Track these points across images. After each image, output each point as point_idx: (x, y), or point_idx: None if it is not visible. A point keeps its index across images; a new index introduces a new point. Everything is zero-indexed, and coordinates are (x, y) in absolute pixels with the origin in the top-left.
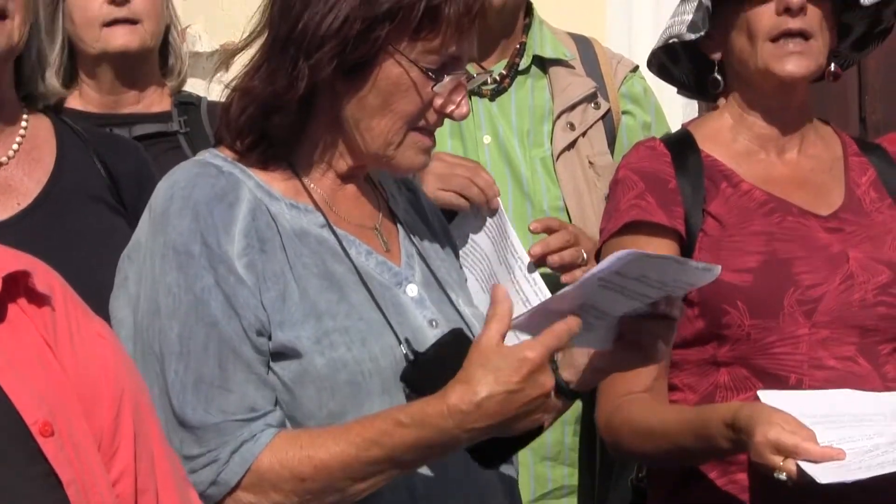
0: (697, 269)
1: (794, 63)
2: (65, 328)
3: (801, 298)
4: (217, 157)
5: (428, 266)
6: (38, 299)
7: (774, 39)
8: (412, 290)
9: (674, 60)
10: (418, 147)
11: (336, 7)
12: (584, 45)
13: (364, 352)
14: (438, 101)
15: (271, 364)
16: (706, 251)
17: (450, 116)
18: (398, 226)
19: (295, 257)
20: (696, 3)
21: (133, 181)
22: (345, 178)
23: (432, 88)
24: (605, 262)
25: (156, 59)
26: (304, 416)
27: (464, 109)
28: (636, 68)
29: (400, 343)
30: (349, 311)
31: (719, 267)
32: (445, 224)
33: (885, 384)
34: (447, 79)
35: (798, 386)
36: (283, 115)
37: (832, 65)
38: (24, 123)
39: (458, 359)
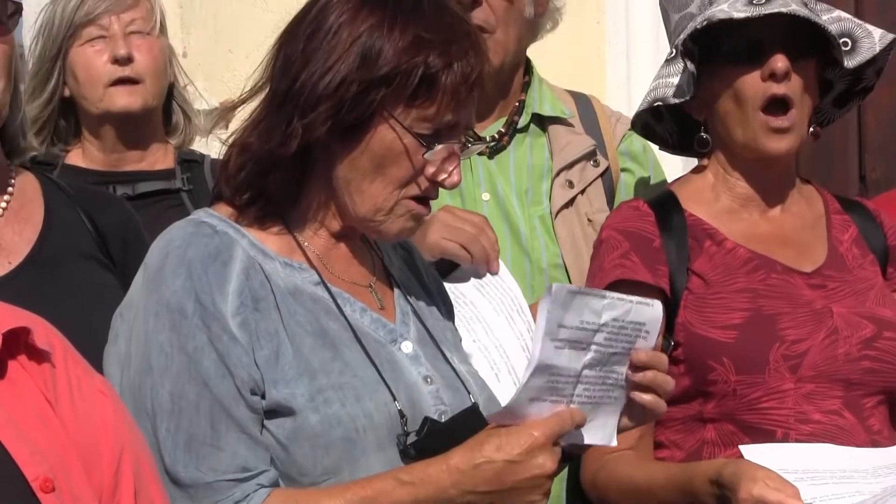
0: (633, 303)
1: (778, 142)
2: (65, 385)
3: (787, 353)
4: (212, 216)
5: (423, 324)
6: (39, 356)
7: (764, 109)
8: (407, 346)
9: (657, 118)
10: (410, 215)
11: (334, 68)
12: (584, 103)
13: (358, 408)
14: (430, 169)
15: (265, 422)
16: (691, 309)
17: (441, 185)
18: (393, 284)
19: (289, 316)
20: (681, 66)
21: (119, 236)
22: (338, 236)
23: (423, 156)
24: (540, 315)
25: (159, 118)
26: (298, 473)
27: (455, 178)
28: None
29: (395, 399)
30: (343, 368)
31: (658, 302)
32: (440, 283)
33: (870, 437)
34: (439, 147)
35: (785, 440)
36: (278, 173)
37: (811, 127)
38: (12, 181)
39: (470, 432)
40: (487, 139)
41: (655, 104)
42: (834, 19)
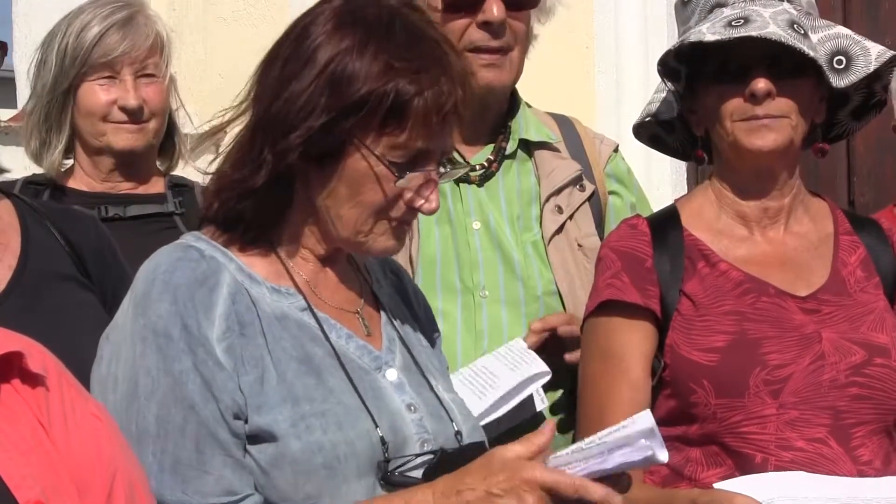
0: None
1: (761, 137)
2: (58, 408)
3: (768, 378)
4: (200, 241)
5: (409, 351)
6: (32, 380)
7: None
8: (392, 374)
9: (668, 130)
10: (390, 233)
11: (304, 96)
12: (566, 126)
13: (340, 436)
14: (407, 195)
15: (248, 447)
16: (678, 331)
17: (419, 210)
18: (381, 310)
19: (274, 341)
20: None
21: (96, 254)
22: (325, 260)
23: (395, 184)
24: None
25: (156, 150)
26: (280, 498)
27: (432, 205)
28: (617, 147)
29: (377, 426)
30: (326, 396)
31: (643, 414)
32: (428, 308)
33: (857, 468)
34: (410, 175)
35: (763, 465)
36: (257, 199)
37: (816, 143)
38: None
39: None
40: (477, 167)
41: (647, 119)
42: (830, 37)
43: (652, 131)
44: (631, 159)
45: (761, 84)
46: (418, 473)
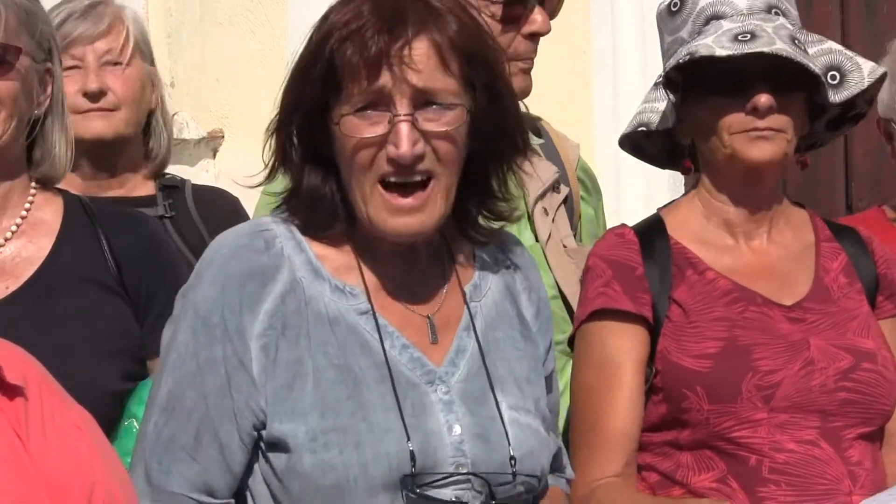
0: None
1: (760, 149)
2: (37, 419)
3: (760, 384)
4: (279, 223)
5: (484, 362)
6: (11, 391)
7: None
8: (442, 390)
9: (646, 136)
10: (387, 207)
11: (291, 93)
12: (536, 128)
13: (355, 457)
14: (389, 149)
15: (267, 454)
16: (669, 337)
17: (393, 158)
18: (464, 316)
19: (317, 346)
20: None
21: (139, 266)
22: (400, 256)
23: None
24: None
25: (138, 145)
26: (292, 502)
27: (401, 150)
28: (578, 146)
29: (409, 440)
30: (354, 410)
31: None
32: (545, 308)
33: (848, 468)
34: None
35: (758, 467)
36: (311, 188)
37: (798, 154)
38: (27, 205)
39: None
40: None
41: (640, 129)
42: (823, 51)
43: (633, 139)
44: (628, 165)
45: (765, 99)
46: (445, 493)
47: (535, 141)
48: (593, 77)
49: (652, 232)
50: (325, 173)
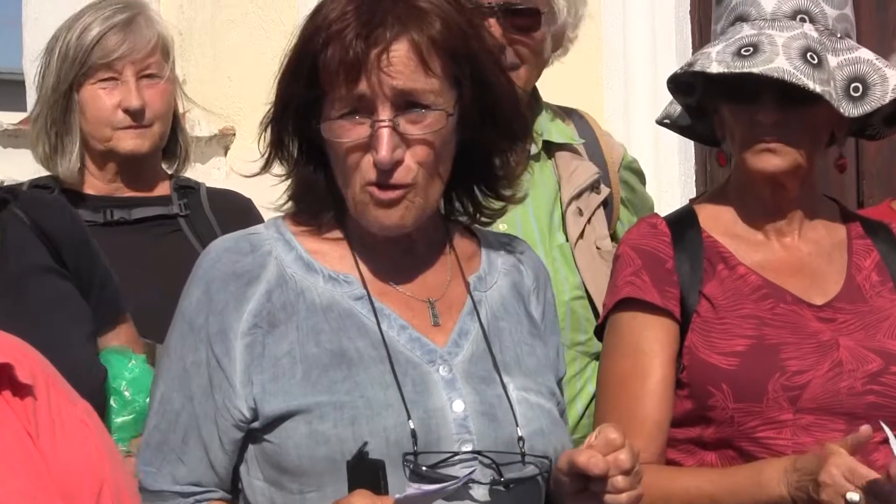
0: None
1: (766, 161)
2: (46, 416)
3: (787, 384)
4: (270, 227)
5: (488, 345)
6: (22, 390)
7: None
8: (444, 370)
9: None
10: (375, 202)
11: (277, 89)
12: (581, 124)
13: (349, 432)
14: (374, 154)
15: (263, 436)
16: (697, 332)
17: (375, 163)
18: (467, 302)
19: (309, 335)
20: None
21: (70, 242)
22: (395, 246)
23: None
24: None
25: (160, 153)
26: (290, 479)
27: (380, 155)
28: (623, 146)
29: (409, 418)
30: (351, 389)
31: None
32: (551, 312)
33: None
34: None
35: None
36: (307, 186)
37: (839, 155)
38: None
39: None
40: None
41: (665, 121)
42: (850, 61)
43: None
44: (640, 162)
45: (765, 115)
46: (455, 471)
47: (577, 141)
48: (604, 78)
49: (684, 224)
50: (316, 164)
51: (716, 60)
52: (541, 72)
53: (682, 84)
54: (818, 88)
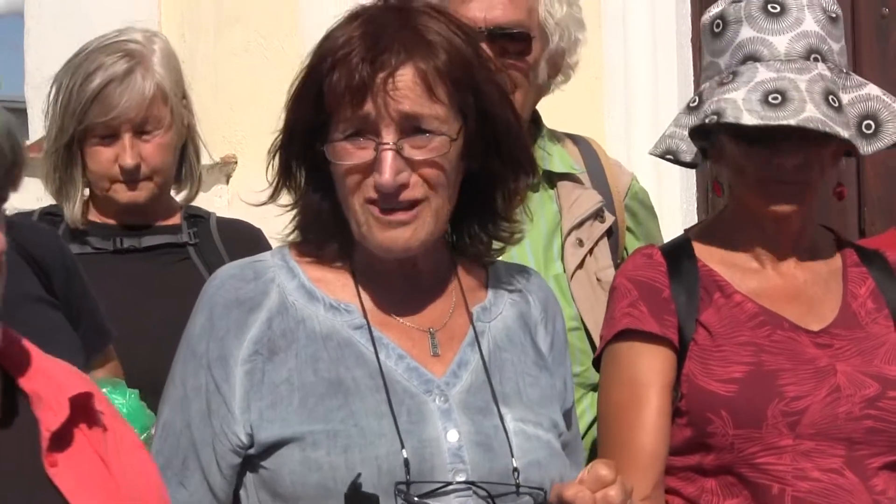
0: None
1: (781, 204)
2: (113, 442)
3: (786, 410)
4: (275, 255)
5: (488, 376)
6: (94, 417)
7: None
8: (441, 400)
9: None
10: (378, 222)
11: (286, 115)
12: (587, 151)
13: (342, 459)
14: (376, 176)
15: (259, 462)
16: (695, 360)
17: (377, 186)
18: (469, 333)
19: (308, 363)
20: (697, 118)
21: (60, 270)
22: (398, 276)
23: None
24: None
25: (166, 193)
26: (285, 490)
27: (383, 178)
28: (631, 174)
29: (403, 448)
30: (345, 418)
31: None
32: (560, 342)
33: (873, 497)
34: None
35: (781, 496)
36: (312, 215)
37: (836, 183)
38: None
39: None
40: None
41: (667, 157)
42: (860, 98)
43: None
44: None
45: (786, 159)
46: (449, 501)
47: (577, 170)
48: (605, 103)
49: (679, 253)
50: (324, 192)
51: (745, 110)
52: (538, 97)
53: (696, 129)
54: (845, 134)
